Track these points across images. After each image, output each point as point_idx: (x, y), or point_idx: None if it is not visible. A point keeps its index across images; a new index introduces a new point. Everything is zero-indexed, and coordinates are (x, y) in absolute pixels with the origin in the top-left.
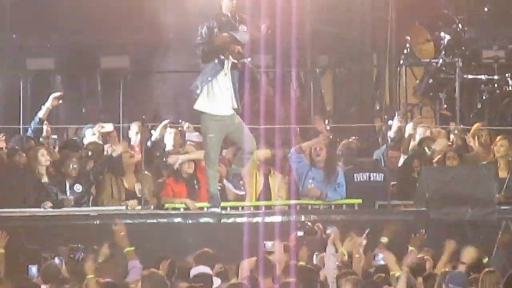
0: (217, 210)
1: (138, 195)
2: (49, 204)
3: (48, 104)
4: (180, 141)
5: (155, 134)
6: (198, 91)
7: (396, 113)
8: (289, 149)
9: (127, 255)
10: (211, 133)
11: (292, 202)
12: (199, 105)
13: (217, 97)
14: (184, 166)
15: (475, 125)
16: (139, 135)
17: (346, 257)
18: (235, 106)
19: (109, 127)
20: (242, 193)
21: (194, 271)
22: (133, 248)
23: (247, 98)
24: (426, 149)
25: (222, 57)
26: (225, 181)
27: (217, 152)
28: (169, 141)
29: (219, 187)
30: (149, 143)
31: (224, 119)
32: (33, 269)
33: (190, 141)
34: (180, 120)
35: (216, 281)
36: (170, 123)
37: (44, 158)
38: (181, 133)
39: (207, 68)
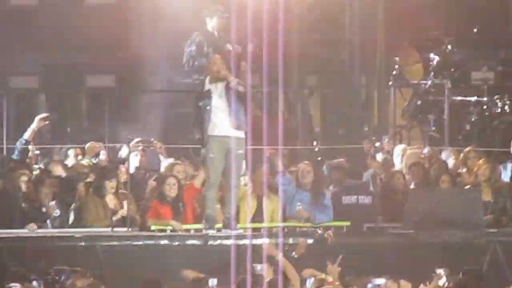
0: (214, 232)
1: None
2: (35, 226)
3: (34, 125)
4: (146, 162)
5: (124, 153)
6: (205, 114)
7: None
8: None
9: None
10: (211, 153)
11: (280, 224)
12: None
13: (218, 117)
14: (166, 189)
15: (466, 149)
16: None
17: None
18: (238, 126)
19: (99, 146)
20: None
21: None
22: None
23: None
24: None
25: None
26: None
27: (218, 173)
28: (133, 162)
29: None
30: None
31: (225, 140)
32: None
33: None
34: (152, 139)
35: None
36: (142, 142)
37: (24, 184)
38: (146, 154)
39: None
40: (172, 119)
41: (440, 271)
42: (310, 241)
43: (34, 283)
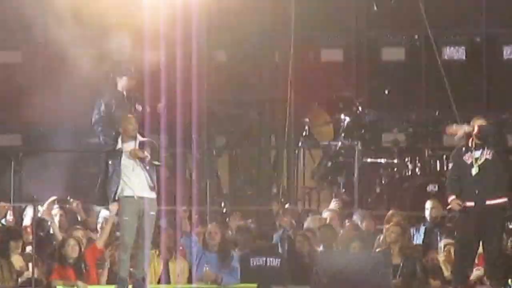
0: None
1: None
2: None
3: None
4: (67, 222)
5: (40, 212)
6: (114, 175)
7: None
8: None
9: None
10: (126, 216)
11: (188, 286)
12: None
13: (132, 178)
14: (67, 250)
15: (390, 212)
16: (30, 216)
17: None
18: (152, 186)
19: (6, 207)
20: None
21: None
22: None
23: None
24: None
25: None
26: None
27: (133, 235)
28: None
29: None
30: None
31: (139, 202)
32: None
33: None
34: (68, 197)
35: None
36: (58, 200)
37: None
38: (67, 213)
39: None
40: (78, 179)
41: None
42: None
43: None
